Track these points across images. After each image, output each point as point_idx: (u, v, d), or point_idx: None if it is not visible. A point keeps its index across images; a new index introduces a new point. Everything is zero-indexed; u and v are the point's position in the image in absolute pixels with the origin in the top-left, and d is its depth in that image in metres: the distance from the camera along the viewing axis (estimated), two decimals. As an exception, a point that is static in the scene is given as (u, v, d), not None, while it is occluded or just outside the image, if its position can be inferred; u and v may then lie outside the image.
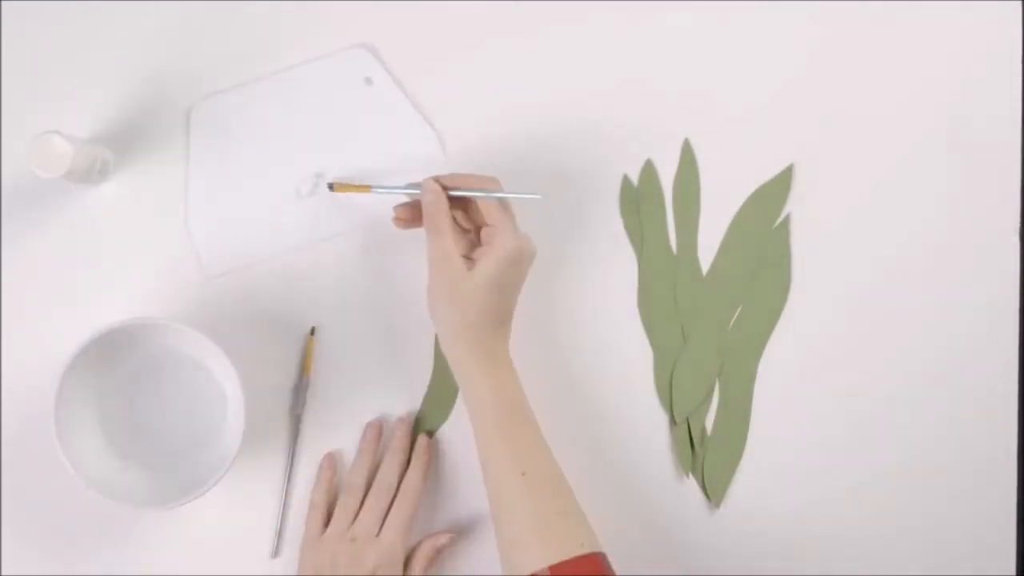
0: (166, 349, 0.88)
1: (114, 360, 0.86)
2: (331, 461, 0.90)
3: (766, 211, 0.93)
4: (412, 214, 0.86)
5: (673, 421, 0.91)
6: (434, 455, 0.90)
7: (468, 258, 0.85)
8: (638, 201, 0.93)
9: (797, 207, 0.93)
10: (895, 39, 0.94)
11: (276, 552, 0.90)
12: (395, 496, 0.88)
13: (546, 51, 0.93)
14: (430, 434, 0.90)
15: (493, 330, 0.83)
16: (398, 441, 0.89)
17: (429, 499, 0.90)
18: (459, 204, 0.85)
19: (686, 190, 0.93)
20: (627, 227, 0.93)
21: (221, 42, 0.92)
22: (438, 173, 0.85)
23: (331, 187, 0.89)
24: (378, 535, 0.86)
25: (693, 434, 0.91)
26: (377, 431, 0.90)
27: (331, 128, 0.92)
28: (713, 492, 0.91)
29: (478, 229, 0.86)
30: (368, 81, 0.92)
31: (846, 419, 0.92)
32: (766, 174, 0.93)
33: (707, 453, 0.91)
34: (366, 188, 0.88)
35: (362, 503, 0.87)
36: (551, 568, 0.77)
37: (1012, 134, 0.94)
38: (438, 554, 0.88)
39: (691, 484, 0.92)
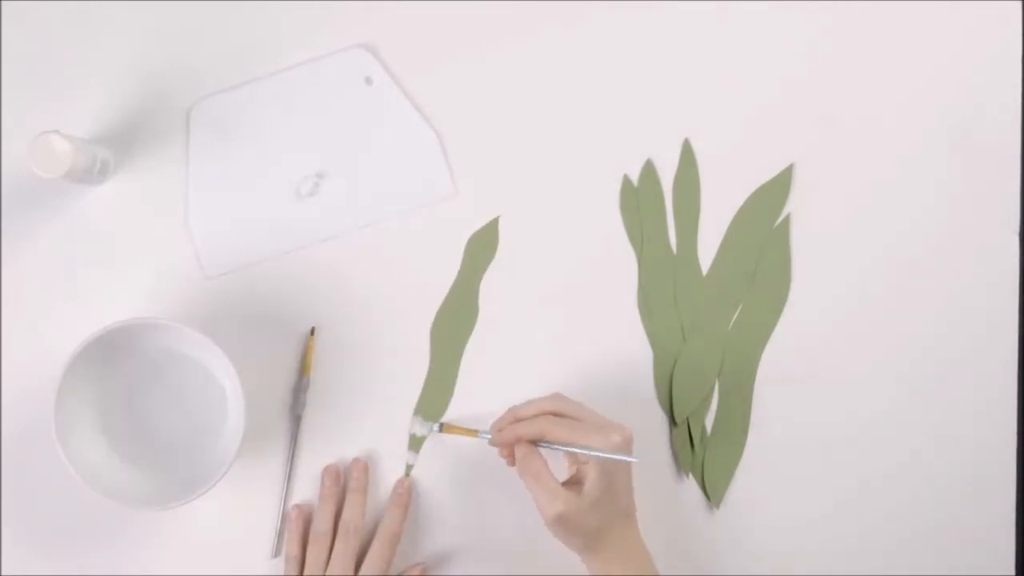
0: (166, 349, 0.88)
1: (114, 360, 0.86)
2: (299, 511, 0.89)
3: (766, 211, 0.93)
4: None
5: (673, 421, 0.91)
6: (413, 497, 0.90)
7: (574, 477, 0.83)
8: (638, 201, 0.93)
9: (797, 207, 0.93)
10: (895, 39, 0.94)
11: (276, 552, 0.90)
12: (372, 537, 0.87)
13: (546, 51, 0.93)
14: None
15: (623, 528, 0.82)
16: (356, 482, 0.88)
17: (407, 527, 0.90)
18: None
19: (686, 190, 0.93)
20: (627, 227, 0.93)
21: (221, 42, 0.92)
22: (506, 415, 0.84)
23: (441, 427, 0.89)
24: None
25: (693, 434, 0.91)
26: (335, 476, 0.89)
27: (331, 128, 0.92)
28: (713, 492, 0.91)
29: None
30: (368, 81, 0.92)
31: (846, 419, 0.92)
32: (766, 174, 0.93)
33: (707, 453, 0.91)
34: (473, 433, 0.87)
35: (331, 550, 0.87)
36: None
37: (1012, 134, 0.94)
38: None
39: (691, 484, 0.92)
